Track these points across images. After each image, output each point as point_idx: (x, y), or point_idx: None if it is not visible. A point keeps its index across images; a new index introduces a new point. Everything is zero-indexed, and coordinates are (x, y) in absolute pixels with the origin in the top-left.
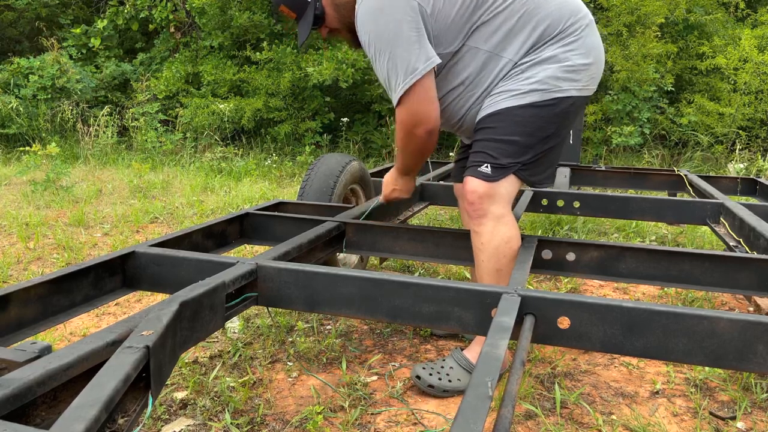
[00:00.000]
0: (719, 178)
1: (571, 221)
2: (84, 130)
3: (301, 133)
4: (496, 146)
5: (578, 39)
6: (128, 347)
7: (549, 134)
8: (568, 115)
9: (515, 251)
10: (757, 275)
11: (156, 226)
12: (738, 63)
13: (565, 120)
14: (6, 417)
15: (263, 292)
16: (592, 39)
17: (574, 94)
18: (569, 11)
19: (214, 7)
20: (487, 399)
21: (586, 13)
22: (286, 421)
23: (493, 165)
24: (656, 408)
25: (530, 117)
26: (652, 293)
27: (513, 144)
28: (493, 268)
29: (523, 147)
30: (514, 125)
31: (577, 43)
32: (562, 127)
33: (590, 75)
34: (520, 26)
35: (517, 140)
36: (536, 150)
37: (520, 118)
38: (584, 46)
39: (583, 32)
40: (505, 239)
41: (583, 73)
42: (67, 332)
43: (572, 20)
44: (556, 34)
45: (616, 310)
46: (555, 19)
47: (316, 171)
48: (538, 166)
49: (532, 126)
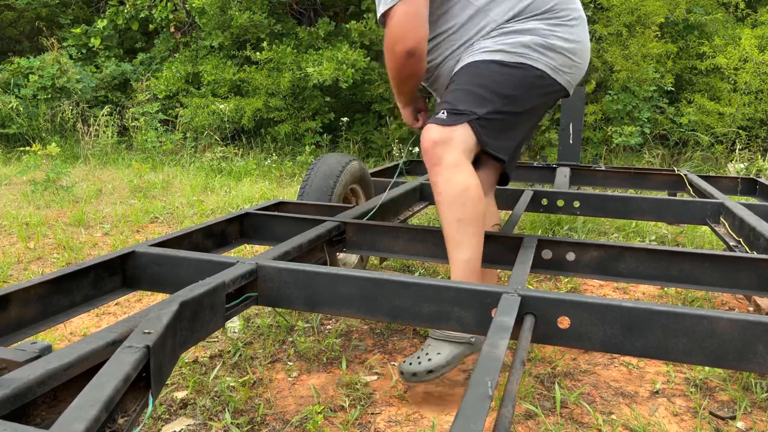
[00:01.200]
0: (719, 178)
1: (571, 221)
2: (84, 130)
3: (301, 133)
4: (455, 95)
5: (564, 25)
6: (128, 347)
7: (508, 95)
8: (533, 88)
9: (476, 200)
10: (757, 275)
11: (156, 226)
12: (738, 63)
13: (529, 90)
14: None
15: (263, 292)
16: (579, 32)
17: (542, 68)
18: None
19: (214, 7)
20: (487, 399)
21: (579, 8)
22: (286, 421)
23: (449, 111)
24: (656, 408)
25: (492, 72)
26: (652, 293)
27: (470, 93)
28: (454, 218)
29: (480, 98)
30: (475, 76)
31: (563, 28)
32: (525, 97)
33: (568, 63)
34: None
35: (474, 91)
36: (493, 106)
37: (481, 71)
38: (569, 33)
39: (571, 21)
40: (462, 187)
41: (558, 55)
42: (67, 332)
43: (563, 5)
44: (543, 11)
45: (616, 310)
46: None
47: (316, 171)
48: (494, 127)
49: (491, 81)
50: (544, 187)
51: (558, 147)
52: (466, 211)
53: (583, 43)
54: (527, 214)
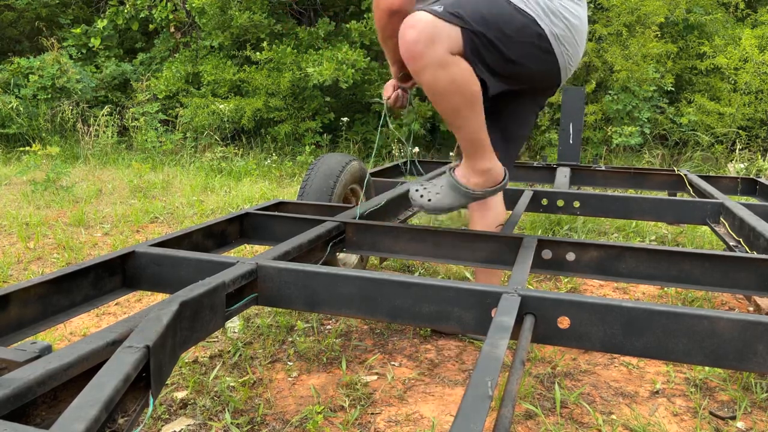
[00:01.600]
0: (719, 178)
1: (571, 221)
2: (84, 130)
3: (301, 133)
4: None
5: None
6: (128, 347)
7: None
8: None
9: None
10: (757, 275)
11: (156, 226)
12: (738, 63)
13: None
14: (6, 417)
15: (263, 292)
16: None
17: (545, 28)
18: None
19: (214, 7)
20: (487, 399)
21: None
22: (286, 421)
23: (447, 8)
24: (656, 408)
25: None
26: (652, 293)
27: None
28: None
29: (479, 14)
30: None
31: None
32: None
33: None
34: None
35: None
36: (488, 30)
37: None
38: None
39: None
40: (448, 80)
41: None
42: (67, 332)
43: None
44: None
45: (616, 310)
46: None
47: (316, 171)
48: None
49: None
50: (544, 187)
51: (558, 147)
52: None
53: (583, 23)
54: (527, 214)
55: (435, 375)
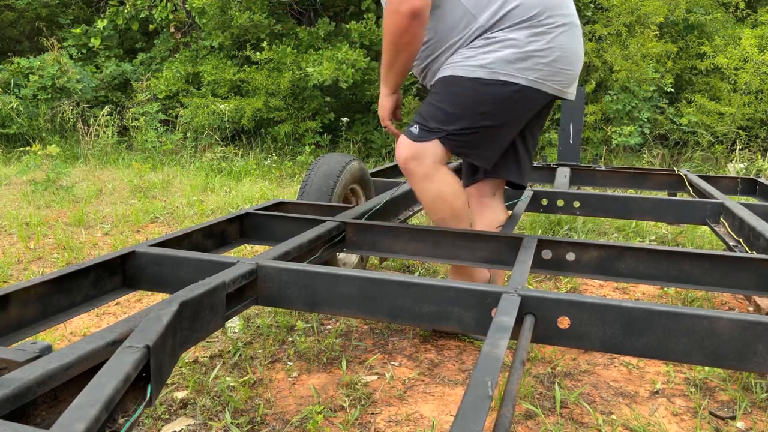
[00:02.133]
0: (719, 178)
1: (571, 221)
2: (84, 130)
3: (301, 133)
4: (429, 110)
5: (548, 33)
6: (128, 347)
7: (485, 112)
8: (513, 103)
9: (451, 203)
10: (757, 275)
11: (156, 226)
12: (738, 63)
13: (509, 105)
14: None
15: (263, 292)
16: (564, 39)
17: (521, 82)
18: (550, 5)
19: (214, 7)
20: (487, 399)
21: (568, 14)
22: (286, 421)
23: (421, 126)
24: (656, 408)
25: (469, 90)
26: (652, 293)
27: (443, 111)
28: (437, 219)
29: (452, 116)
30: (452, 95)
31: (547, 36)
32: (505, 112)
33: (552, 71)
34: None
35: (447, 109)
36: (466, 123)
37: (459, 89)
38: (553, 41)
39: (558, 29)
40: (434, 194)
41: (540, 67)
42: (67, 332)
43: (551, 12)
44: (527, 18)
45: (616, 310)
46: (529, 4)
47: (317, 171)
48: (469, 142)
49: (467, 98)
50: (544, 187)
51: (558, 147)
52: (445, 213)
53: (569, 49)
54: (527, 214)
55: (435, 375)
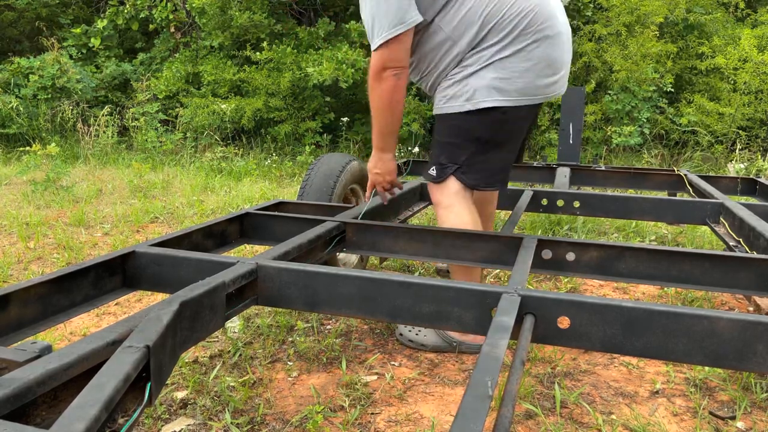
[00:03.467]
0: (719, 178)
1: (571, 221)
2: (84, 130)
3: (301, 133)
4: (437, 149)
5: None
6: (128, 347)
7: (479, 137)
8: (504, 123)
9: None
10: (757, 275)
11: (156, 226)
12: (738, 63)
13: (501, 126)
14: (6, 417)
15: (263, 292)
16: (540, 52)
17: (504, 105)
18: (536, 17)
19: (214, 7)
20: (487, 399)
21: (550, 25)
22: (286, 421)
23: (437, 166)
24: (656, 408)
25: (461, 122)
26: (652, 293)
27: (448, 145)
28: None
29: (457, 148)
30: (448, 129)
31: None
32: (495, 134)
33: (537, 83)
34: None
35: (451, 142)
36: (469, 151)
37: (453, 124)
38: (529, 56)
39: (533, 44)
40: (451, 224)
41: (523, 84)
42: (67, 332)
43: (523, 30)
44: (506, 34)
45: (616, 310)
46: (513, 16)
47: (317, 171)
48: (476, 168)
49: (462, 130)
50: (544, 187)
51: (558, 147)
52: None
53: (549, 58)
54: (527, 214)
55: (435, 375)
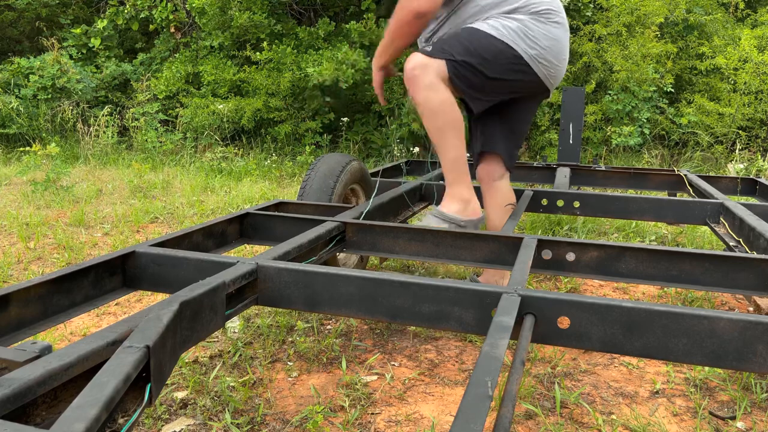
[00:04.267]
0: (719, 178)
1: (571, 221)
2: (84, 130)
3: (301, 133)
4: (446, 40)
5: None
6: (128, 347)
7: (484, 57)
8: (507, 63)
9: (451, 111)
10: (757, 275)
11: (156, 226)
12: (738, 63)
13: (503, 63)
14: (6, 417)
15: (263, 292)
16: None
17: (520, 52)
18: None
19: (214, 7)
20: (487, 399)
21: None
22: (286, 421)
23: (435, 47)
24: (656, 408)
25: (480, 37)
26: (652, 293)
27: (457, 43)
28: (435, 127)
29: (462, 49)
30: (467, 36)
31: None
32: (498, 67)
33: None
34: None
35: (461, 42)
36: (470, 59)
37: (474, 35)
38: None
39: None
40: (438, 101)
41: (538, 47)
42: (67, 332)
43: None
44: (534, 11)
45: (616, 310)
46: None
47: (317, 171)
48: (466, 76)
49: (476, 42)
50: (544, 187)
51: (558, 147)
52: (445, 120)
53: (561, 43)
54: (527, 214)
55: (435, 375)
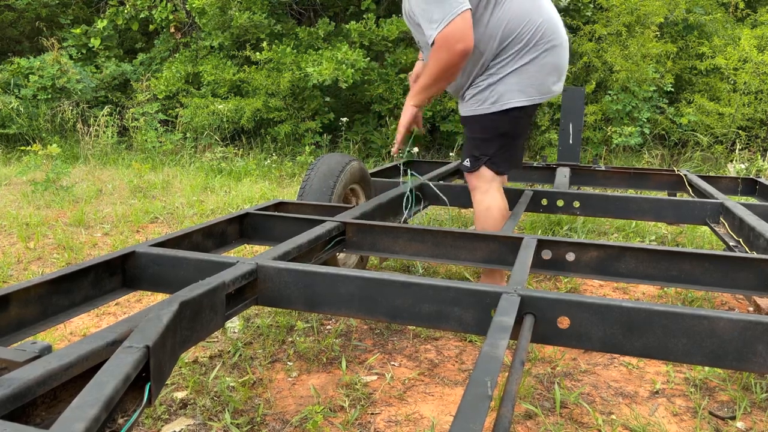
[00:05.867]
0: (719, 178)
1: (571, 221)
2: (84, 130)
3: (301, 133)
4: (469, 144)
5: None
6: (128, 347)
7: (504, 133)
8: (520, 118)
9: (495, 215)
10: (757, 275)
11: (156, 226)
12: (738, 63)
13: (517, 122)
14: (6, 417)
15: (263, 292)
16: (553, 59)
17: (523, 104)
18: (548, 30)
19: (214, 7)
20: (487, 399)
21: (560, 35)
22: (286, 421)
23: (470, 158)
24: (656, 408)
25: (489, 122)
26: (652, 293)
27: (480, 140)
28: (480, 226)
29: (487, 141)
30: (479, 128)
31: (537, 59)
32: (516, 127)
33: (546, 81)
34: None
35: (482, 137)
36: (496, 143)
37: (482, 123)
38: (543, 63)
39: (548, 51)
40: (485, 206)
41: (535, 84)
42: (67, 332)
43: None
44: (525, 44)
45: (616, 310)
46: (530, 29)
47: (316, 171)
48: (503, 156)
49: (489, 128)
50: (544, 187)
51: (558, 147)
52: (488, 224)
53: (556, 64)
54: (527, 214)
55: (435, 375)
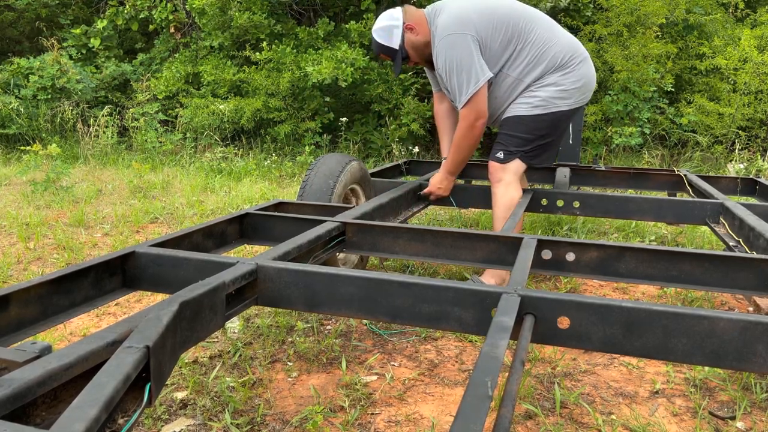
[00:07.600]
0: (719, 178)
1: (571, 221)
2: (84, 131)
3: (301, 133)
4: (507, 139)
5: (574, 70)
6: (128, 347)
7: (544, 134)
8: (559, 122)
9: (515, 206)
10: (757, 275)
11: (156, 226)
12: (738, 63)
13: (557, 125)
14: (6, 417)
15: (263, 292)
16: (584, 70)
17: (564, 109)
18: (571, 49)
19: (214, 7)
20: (487, 399)
21: (582, 51)
22: (286, 421)
23: (504, 151)
24: (656, 408)
25: (532, 122)
26: (652, 293)
27: (518, 138)
28: (502, 216)
29: (525, 141)
30: (521, 126)
31: (572, 73)
32: (555, 129)
33: (580, 94)
34: (537, 59)
35: (522, 136)
36: (534, 144)
37: (525, 123)
38: (577, 75)
39: (577, 66)
40: (510, 197)
41: (573, 94)
42: (67, 332)
43: (571, 56)
44: (558, 65)
45: (615, 310)
46: (559, 53)
47: (316, 171)
48: (537, 154)
49: (532, 128)
50: (544, 187)
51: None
52: (509, 213)
53: (589, 75)
54: (527, 214)
55: (435, 375)
